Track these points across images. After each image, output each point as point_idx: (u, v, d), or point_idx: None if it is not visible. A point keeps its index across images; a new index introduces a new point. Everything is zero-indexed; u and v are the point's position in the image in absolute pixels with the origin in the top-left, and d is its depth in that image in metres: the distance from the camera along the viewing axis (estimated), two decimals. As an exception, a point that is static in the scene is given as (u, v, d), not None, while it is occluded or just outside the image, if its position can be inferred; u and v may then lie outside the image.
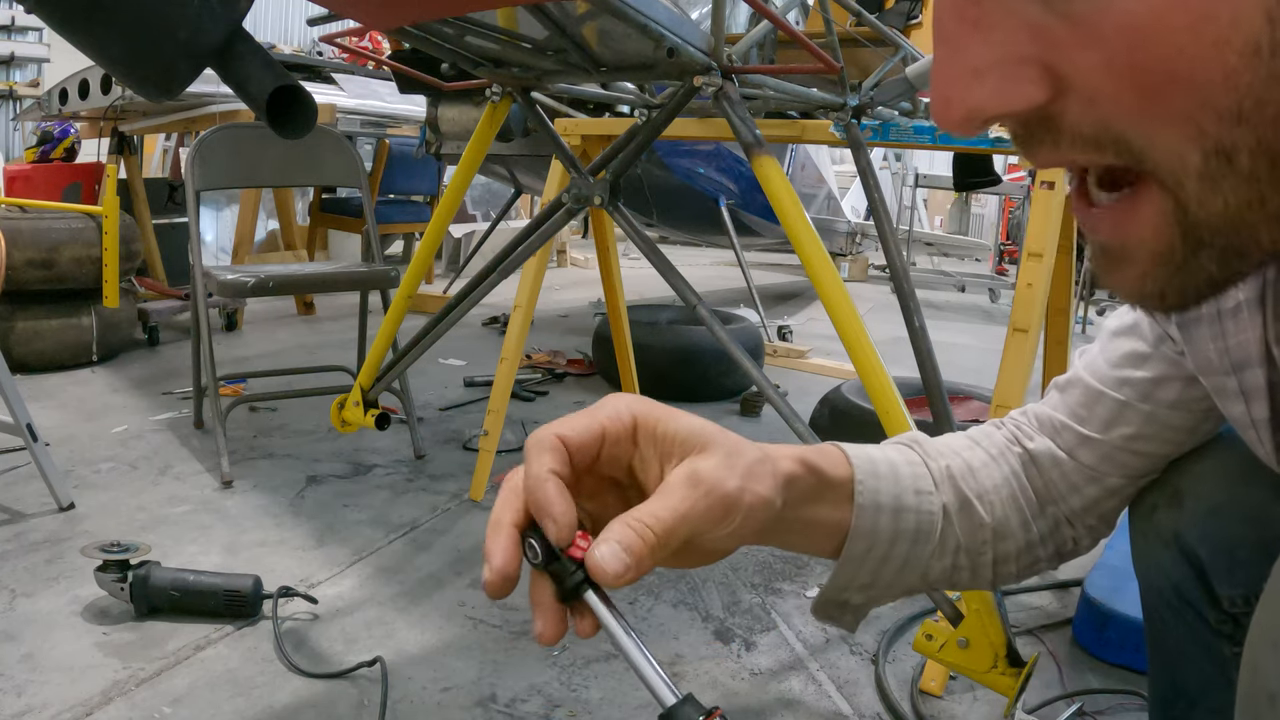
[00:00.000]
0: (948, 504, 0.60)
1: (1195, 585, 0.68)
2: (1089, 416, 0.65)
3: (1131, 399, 0.63)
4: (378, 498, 2.04)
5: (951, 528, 0.60)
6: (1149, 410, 0.63)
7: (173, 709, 1.23)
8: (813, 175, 5.84)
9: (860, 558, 0.56)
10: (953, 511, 0.60)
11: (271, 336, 3.82)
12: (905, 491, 0.57)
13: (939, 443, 0.64)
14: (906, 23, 2.62)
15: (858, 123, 1.60)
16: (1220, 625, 0.67)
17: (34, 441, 1.80)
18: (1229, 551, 0.65)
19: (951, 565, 0.60)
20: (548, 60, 1.45)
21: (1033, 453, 0.66)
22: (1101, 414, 0.64)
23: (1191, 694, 0.70)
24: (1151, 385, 0.62)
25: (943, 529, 0.59)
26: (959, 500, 0.60)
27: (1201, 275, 0.32)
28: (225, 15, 0.98)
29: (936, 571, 0.60)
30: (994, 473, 0.64)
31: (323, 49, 5.07)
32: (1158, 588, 0.71)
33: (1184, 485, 0.67)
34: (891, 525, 0.56)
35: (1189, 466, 0.67)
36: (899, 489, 0.57)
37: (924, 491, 0.59)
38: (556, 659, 1.40)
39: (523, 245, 1.67)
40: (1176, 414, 0.63)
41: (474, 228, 6.46)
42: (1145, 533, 0.71)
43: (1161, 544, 0.69)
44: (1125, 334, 0.64)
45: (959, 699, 1.36)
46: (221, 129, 2.41)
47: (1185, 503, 0.67)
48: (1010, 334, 1.47)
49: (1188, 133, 0.29)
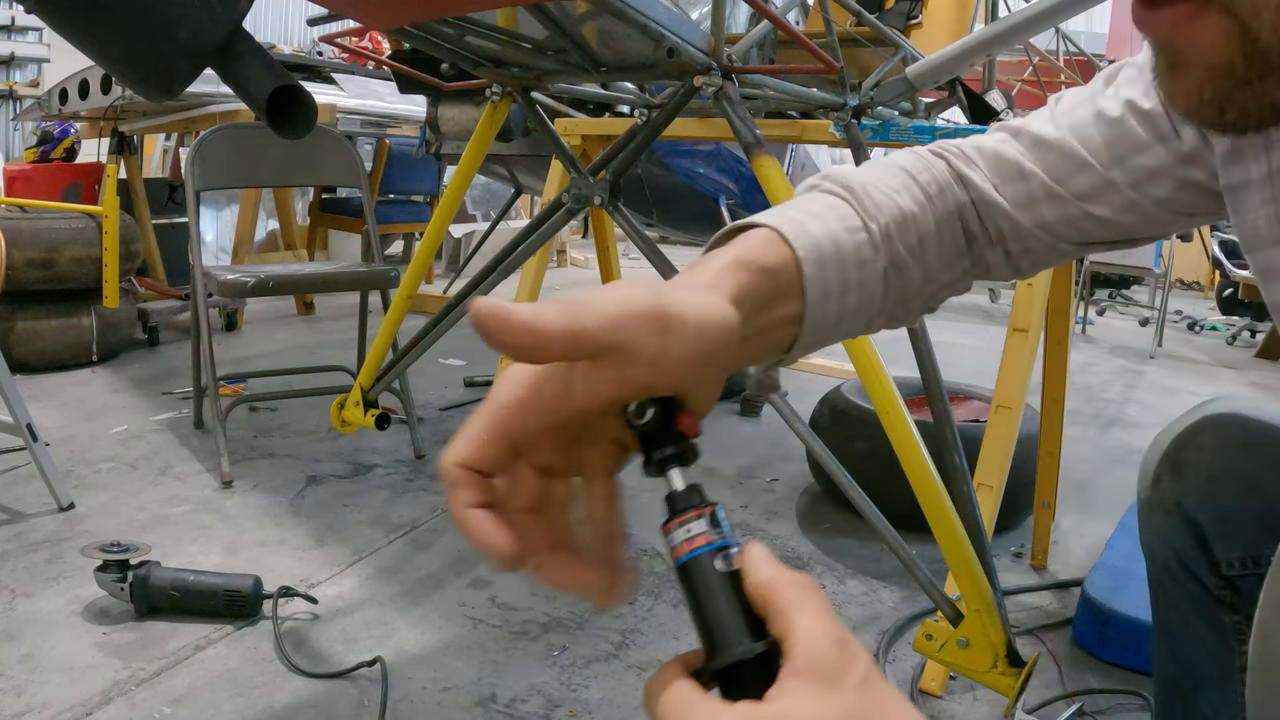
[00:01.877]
0: (886, 268, 0.55)
1: (1197, 551, 0.69)
2: (1066, 181, 0.60)
3: (1119, 180, 0.59)
4: (378, 498, 2.04)
5: (889, 289, 0.56)
6: (1134, 199, 0.59)
7: (173, 709, 1.23)
8: (813, 175, 5.84)
9: (808, 346, 0.53)
10: (890, 273, 0.56)
11: (271, 336, 3.82)
12: (849, 267, 0.52)
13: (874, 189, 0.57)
14: (906, 23, 2.63)
15: (858, 123, 1.60)
16: (1220, 591, 0.69)
17: (34, 441, 1.80)
18: (1227, 517, 0.67)
19: (884, 319, 0.58)
20: (548, 60, 1.45)
21: (978, 198, 0.61)
22: (1081, 185, 0.60)
23: (1196, 670, 0.71)
24: (1146, 176, 0.59)
25: (882, 294, 0.55)
26: (895, 261, 0.56)
27: (1266, 99, 0.32)
28: (225, 15, 0.98)
29: (872, 329, 0.59)
30: (929, 218, 0.58)
31: (323, 49, 5.07)
32: (1162, 559, 0.72)
33: (1186, 456, 0.69)
34: (838, 308, 0.52)
35: (1191, 438, 0.68)
36: (843, 266, 0.52)
37: (866, 261, 0.54)
38: (557, 659, 1.40)
39: (523, 245, 1.66)
40: (1159, 210, 0.60)
41: (474, 228, 6.46)
42: (1150, 504, 0.73)
43: (1164, 513, 0.71)
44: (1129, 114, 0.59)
45: (959, 699, 1.36)
46: (221, 129, 2.41)
47: (1186, 472, 0.69)
48: (1010, 334, 1.47)
49: None
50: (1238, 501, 0.66)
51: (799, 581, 0.37)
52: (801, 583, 0.37)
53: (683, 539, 0.39)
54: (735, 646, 0.37)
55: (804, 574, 0.38)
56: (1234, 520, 0.67)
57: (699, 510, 0.40)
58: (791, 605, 0.36)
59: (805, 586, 0.37)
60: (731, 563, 0.39)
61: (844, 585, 1.71)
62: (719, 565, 0.38)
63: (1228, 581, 0.68)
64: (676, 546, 0.39)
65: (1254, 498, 0.66)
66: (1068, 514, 2.09)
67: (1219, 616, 0.69)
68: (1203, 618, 0.70)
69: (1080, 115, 0.61)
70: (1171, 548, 0.71)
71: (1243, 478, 0.66)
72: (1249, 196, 0.54)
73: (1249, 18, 0.30)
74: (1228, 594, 0.69)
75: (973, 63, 1.59)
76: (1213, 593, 0.69)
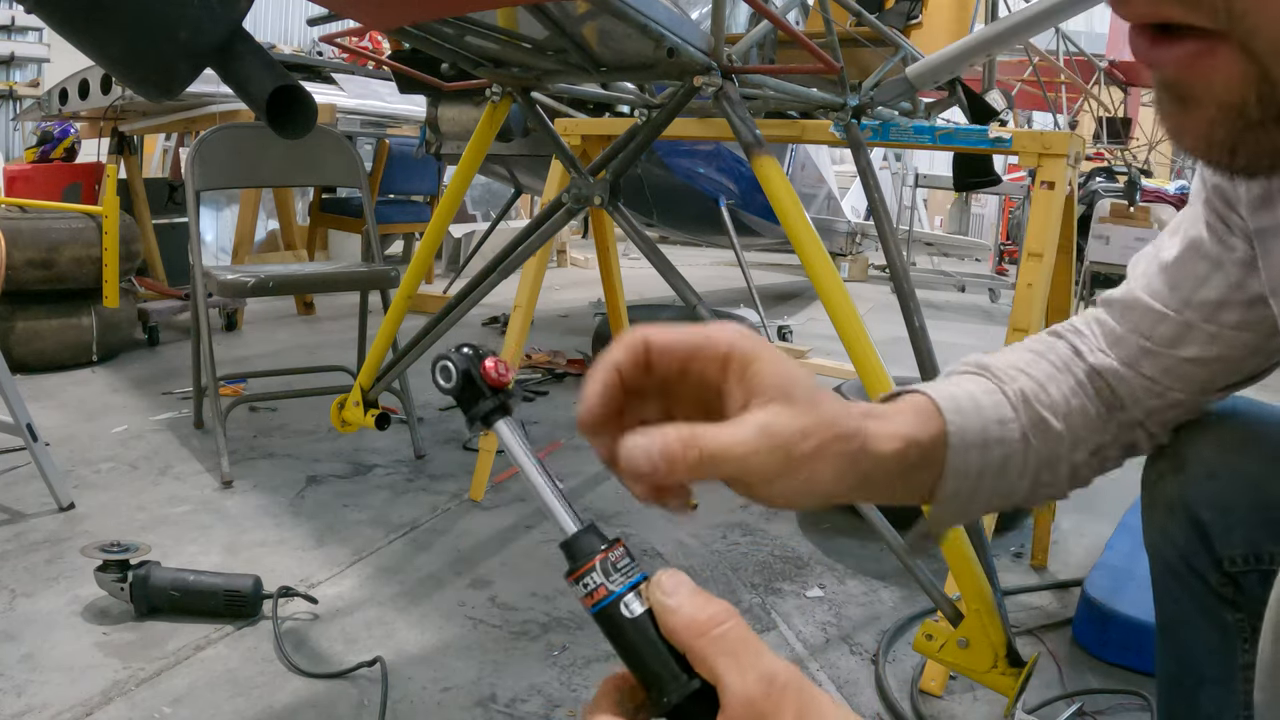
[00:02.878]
0: (1026, 428, 0.60)
1: (1199, 548, 0.69)
2: (1152, 334, 0.64)
3: (1194, 320, 0.62)
4: (378, 498, 2.04)
5: (1031, 450, 0.60)
6: (1213, 331, 0.62)
7: (173, 709, 1.23)
8: (813, 175, 5.84)
9: (952, 498, 0.57)
10: (1031, 434, 0.60)
11: (271, 336, 3.82)
12: (989, 424, 0.58)
13: (1006, 364, 0.64)
14: (906, 23, 2.62)
15: (858, 123, 1.60)
16: (1223, 589, 0.69)
17: (34, 441, 1.80)
18: (1230, 513, 0.67)
19: (1033, 483, 0.61)
20: (548, 60, 1.45)
21: (1096, 366, 0.66)
22: (1165, 333, 0.64)
23: (1198, 668, 0.71)
24: (1214, 308, 0.62)
25: (1024, 454, 0.60)
26: (1035, 420, 0.61)
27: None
28: (225, 15, 0.97)
29: (1021, 492, 0.61)
30: (1062, 384, 0.64)
31: (323, 49, 5.07)
32: (1165, 557, 0.73)
33: (1187, 453, 0.69)
34: (980, 461, 0.57)
35: (1193, 436, 0.69)
36: (984, 423, 0.58)
37: (1006, 420, 0.59)
38: (557, 659, 1.41)
39: (523, 245, 1.67)
40: (1242, 335, 0.62)
41: (474, 228, 6.46)
42: (1153, 502, 0.73)
43: (1167, 510, 0.71)
44: (1184, 254, 0.63)
45: (959, 699, 1.36)
46: (221, 129, 2.41)
47: (1188, 469, 0.69)
48: (1010, 334, 1.47)
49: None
50: (1240, 498, 0.67)
51: (713, 619, 0.37)
52: (715, 620, 0.37)
53: (584, 593, 0.40)
54: (669, 688, 0.38)
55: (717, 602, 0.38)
56: (1237, 517, 0.67)
57: (600, 554, 0.40)
58: (710, 652, 0.37)
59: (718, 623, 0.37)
60: (642, 602, 0.39)
61: (844, 585, 1.71)
62: (627, 612, 0.39)
63: (1231, 578, 0.68)
64: (583, 599, 0.40)
65: (1257, 494, 0.66)
66: (1068, 514, 2.09)
67: (1222, 614, 0.69)
68: (1205, 615, 0.70)
69: (1147, 269, 0.66)
70: (1174, 545, 0.71)
71: (1245, 474, 0.67)
72: (1278, 241, 0.55)
73: (1269, 57, 0.29)
74: (1231, 591, 0.69)
75: (973, 63, 1.59)
76: (1215, 590, 0.69)
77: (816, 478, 0.46)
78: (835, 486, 0.48)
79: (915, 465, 0.54)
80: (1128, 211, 5.23)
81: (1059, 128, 5.34)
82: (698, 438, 0.43)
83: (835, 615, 1.60)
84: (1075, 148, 1.51)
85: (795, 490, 0.46)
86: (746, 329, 0.47)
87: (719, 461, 0.43)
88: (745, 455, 0.43)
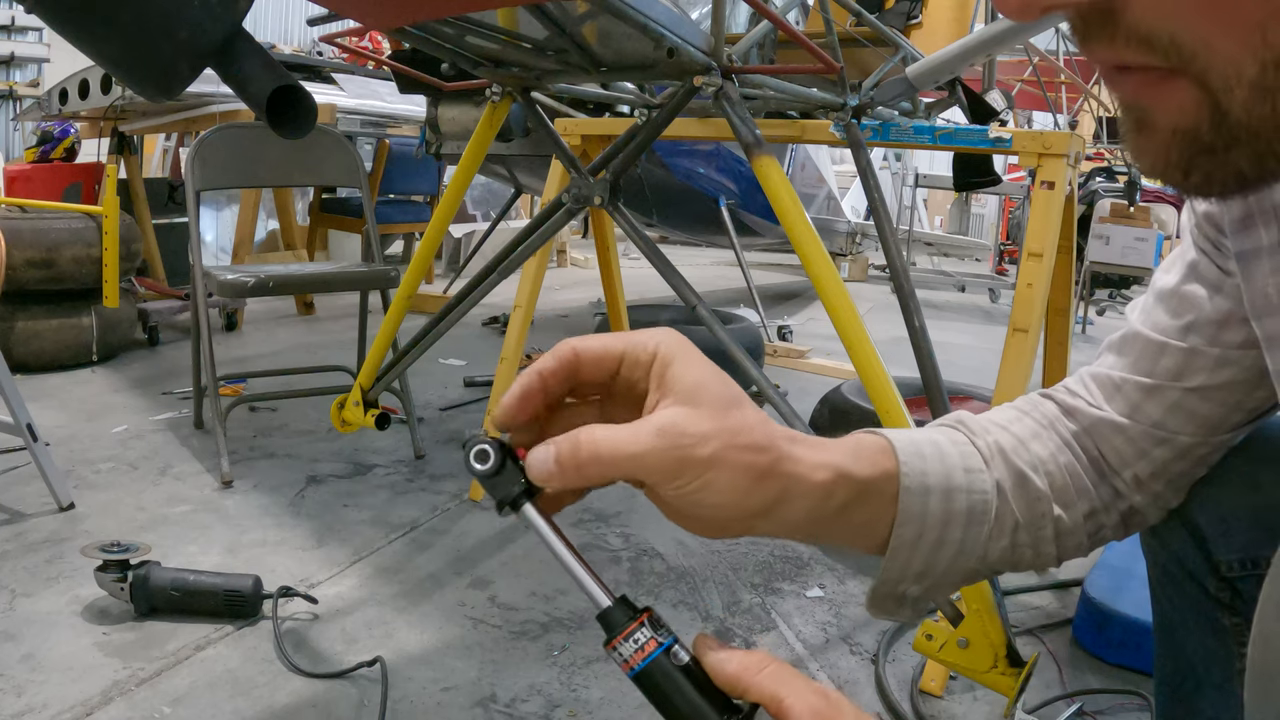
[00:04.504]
0: (1001, 480, 0.57)
1: (1196, 553, 0.69)
2: (1155, 369, 0.62)
3: (1199, 344, 0.60)
4: (378, 498, 2.04)
5: (1008, 505, 0.57)
6: (1218, 354, 0.60)
7: (173, 709, 1.23)
8: (813, 175, 5.84)
9: (911, 544, 0.53)
10: (1007, 488, 0.57)
11: (271, 336, 3.82)
12: (954, 470, 0.55)
13: (984, 419, 0.62)
14: (906, 23, 2.62)
15: (858, 123, 1.60)
16: (1219, 593, 0.69)
17: (34, 441, 1.80)
18: (1226, 518, 0.67)
19: (1011, 544, 0.58)
20: (548, 60, 1.45)
21: (1089, 424, 0.63)
22: (1168, 365, 0.61)
23: (1196, 672, 0.71)
24: (1216, 328, 0.60)
25: (998, 508, 0.56)
26: (1013, 475, 0.58)
27: (1231, 169, 0.32)
28: (225, 15, 0.97)
29: (996, 553, 0.57)
30: (1047, 441, 0.61)
31: (323, 49, 5.07)
32: (1161, 561, 0.72)
33: None
34: (942, 507, 0.54)
35: None
36: (947, 468, 0.55)
37: (974, 469, 0.56)
38: (556, 659, 1.41)
39: (523, 245, 1.67)
40: (1248, 355, 0.59)
41: (474, 228, 6.46)
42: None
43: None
44: (1183, 280, 0.62)
45: (959, 699, 1.36)
46: (221, 129, 2.41)
47: None
48: (1010, 334, 1.47)
49: (1250, 42, 0.28)
50: (1237, 502, 0.66)
51: (761, 660, 0.42)
52: (763, 661, 0.42)
53: (633, 650, 0.42)
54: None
55: (758, 651, 0.43)
56: (1233, 521, 0.66)
57: (638, 619, 0.43)
58: (769, 684, 0.41)
59: (768, 662, 0.42)
60: (685, 655, 0.43)
61: (844, 585, 1.71)
62: (677, 661, 0.42)
63: (1227, 583, 0.68)
64: (629, 658, 0.43)
65: (1253, 498, 0.65)
66: (1068, 514, 2.09)
67: (1219, 618, 0.69)
68: (1202, 620, 0.70)
69: (1145, 303, 0.65)
70: (1170, 550, 0.71)
71: (1241, 478, 0.66)
72: (1259, 264, 0.54)
73: (1221, 93, 0.30)
74: (1227, 595, 0.68)
75: (973, 63, 1.59)
76: (1212, 594, 0.69)
77: (714, 484, 0.44)
78: (742, 500, 0.45)
79: (850, 503, 0.50)
80: (1128, 211, 5.24)
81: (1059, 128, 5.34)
82: (591, 439, 0.44)
83: (835, 615, 1.60)
84: (1075, 148, 1.51)
85: (695, 497, 0.45)
86: (677, 332, 0.47)
87: (613, 460, 0.43)
88: (639, 454, 0.43)
